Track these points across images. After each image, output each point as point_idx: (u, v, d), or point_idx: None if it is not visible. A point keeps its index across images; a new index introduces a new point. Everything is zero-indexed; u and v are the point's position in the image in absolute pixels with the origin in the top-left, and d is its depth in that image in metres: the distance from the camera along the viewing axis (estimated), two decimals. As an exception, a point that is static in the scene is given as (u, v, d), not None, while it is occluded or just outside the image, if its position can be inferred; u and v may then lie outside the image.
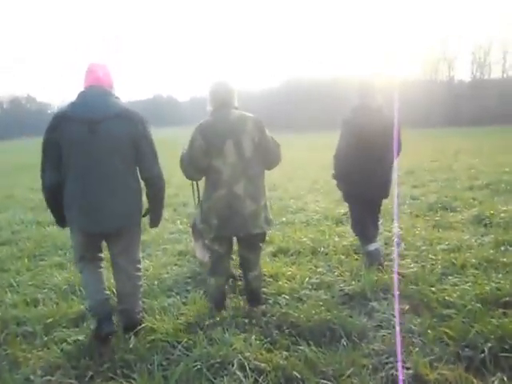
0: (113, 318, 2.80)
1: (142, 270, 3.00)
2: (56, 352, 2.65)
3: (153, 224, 2.93)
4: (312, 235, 4.81)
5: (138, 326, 2.79)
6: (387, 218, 5.12)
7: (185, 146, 2.98)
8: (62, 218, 2.72)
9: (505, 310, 2.77)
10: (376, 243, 3.82)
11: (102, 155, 2.55)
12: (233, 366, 2.33)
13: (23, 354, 2.66)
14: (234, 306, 3.13)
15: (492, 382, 2.16)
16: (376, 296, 3.17)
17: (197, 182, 3.45)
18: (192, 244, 4.35)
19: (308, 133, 33.11)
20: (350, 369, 2.30)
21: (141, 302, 2.95)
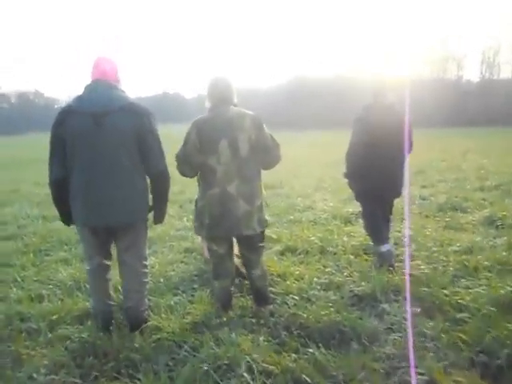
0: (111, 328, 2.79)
1: (148, 268, 2.95)
2: (60, 350, 2.61)
3: (157, 220, 2.88)
4: (320, 234, 4.73)
5: (143, 323, 2.75)
6: (397, 218, 5.02)
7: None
8: (67, 215, 2.71)
9: (521, 315, 2.69)
10: (388, 244, 3.76)
11: (107, 148, 2.52)
12: (240, 367, 2.27)
13: (27, 350, 2.62)
14: (241, 306, 3.07)
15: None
16: (387, 298, 3.10)
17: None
18: (199, 241, 4.29)
19: (311, 130, 32.93)
20: (360, 373, 2.24)
21: (147, 299, 2.90)
